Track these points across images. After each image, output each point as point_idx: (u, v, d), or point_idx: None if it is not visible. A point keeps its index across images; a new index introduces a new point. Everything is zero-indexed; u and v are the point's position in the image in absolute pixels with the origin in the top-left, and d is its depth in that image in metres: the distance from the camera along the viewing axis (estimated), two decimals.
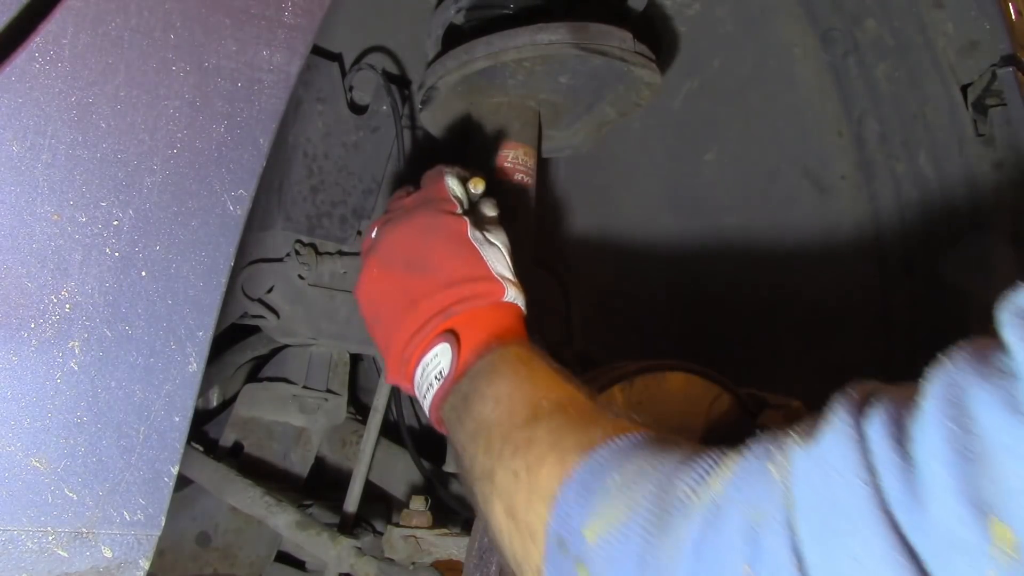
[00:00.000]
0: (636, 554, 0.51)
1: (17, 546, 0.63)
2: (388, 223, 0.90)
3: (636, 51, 1.07)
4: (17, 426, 0.63)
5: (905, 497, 0.39)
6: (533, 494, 0.61)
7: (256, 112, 0.72)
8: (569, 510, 0.57)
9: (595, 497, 0.55)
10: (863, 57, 1.27)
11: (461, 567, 0.91)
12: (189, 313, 0.69)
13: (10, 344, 0.62)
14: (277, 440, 1.37)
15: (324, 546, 1.11)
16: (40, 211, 0.63)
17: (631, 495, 0.53)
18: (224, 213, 0.71)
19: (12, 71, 0.61)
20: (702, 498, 0.49)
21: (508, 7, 1.15)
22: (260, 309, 1.20)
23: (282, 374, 1.36)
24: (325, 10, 0.75)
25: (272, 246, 1.19)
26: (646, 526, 0.51)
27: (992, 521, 0.35)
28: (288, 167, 1.17)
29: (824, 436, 0.44)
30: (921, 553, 0.38)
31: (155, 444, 0.68)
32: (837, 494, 0.41)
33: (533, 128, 1.20)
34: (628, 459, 0.56)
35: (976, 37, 1.13)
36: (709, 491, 0.49)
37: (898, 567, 0.38)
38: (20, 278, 0.62)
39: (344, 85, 1.22)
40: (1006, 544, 0.35)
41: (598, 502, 0.55)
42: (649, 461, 0.55)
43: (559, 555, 0.56)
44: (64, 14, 0.63)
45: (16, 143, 0.62)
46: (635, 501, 0.53)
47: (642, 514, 0.52)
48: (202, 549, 1.32)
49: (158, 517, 0.68)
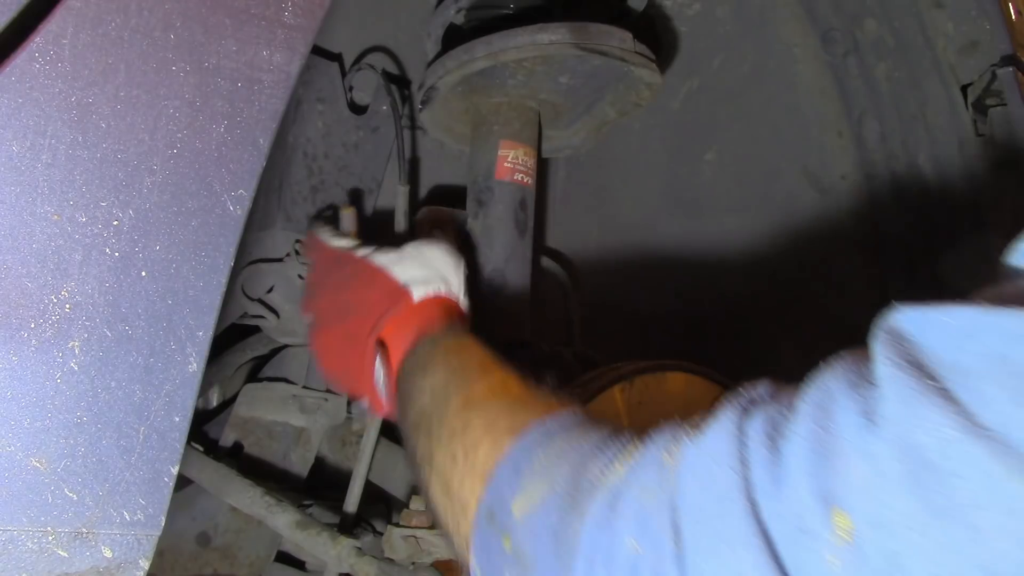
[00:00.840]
0: (552, 528, 0.56)
1: (17, 546, 0.63)
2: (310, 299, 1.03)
3: (636, 51, 1.07)
4: (17, 426, 0.63)
5: (768, 487, 0.43)
6: (468, 473, 0.66)
7: (256, 112, 0.72)
8: (501, 487, 0.62)
9: (523, 476, 0.61)
10: (863, 57, 1.27)
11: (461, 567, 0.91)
12: (189, 313, 0.69)
13: (10, 344, 0.62)
14: (277, 440, 1.37)
15: (324, 546, 1.11)
16: (40, 211, 0.63)
17: (551, 475, 0.59)
18: (224, 213, 0.71)
19: (12, 71, 0.61)
20: (606, 480, 0.54)
21: (508, 7, 1.15)
22: (260, 309, 1.20)
23: (282, 374, 1.36)
24: (325, 10, 0.75)
25: (272, 246, 1.19)
26: (561, 503, 0.57)
27: (834, 510, 0.39)
28: (288, 167, 1.17)
29: (710, 430, 0.49)
30: (775, 537, 0.42)
31: (155, 444, 0.68)
32: (713, 482, 0.46)
33: (533, 128, 1.20)
34: (552, 440, 0.62)
35: (976, 37, 1.14)
36: (613, 474, 0.55)
37: (754, 548, 0.43)
38: (20, 278, 0.62)
39: (344, 85, 1.22)
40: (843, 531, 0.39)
41: (525, 480, 0.60)
42: (570, 443, 0.61)
43: (487, 526, 0.62)
44: (64, 14, 0.63)
45: (16, 143, 0.62)
46: (554, 480, 0.58)
47: (558, 492, 0.57)
48: (202, 549, 1.32)
49: (158, 517, 0.68)
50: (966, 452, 0.36)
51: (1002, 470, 0.35)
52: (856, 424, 0.40)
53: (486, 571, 0.63)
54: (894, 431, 0.39)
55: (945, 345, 0.39)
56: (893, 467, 0.38)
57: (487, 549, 0.63)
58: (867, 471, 0.39)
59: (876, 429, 0.39)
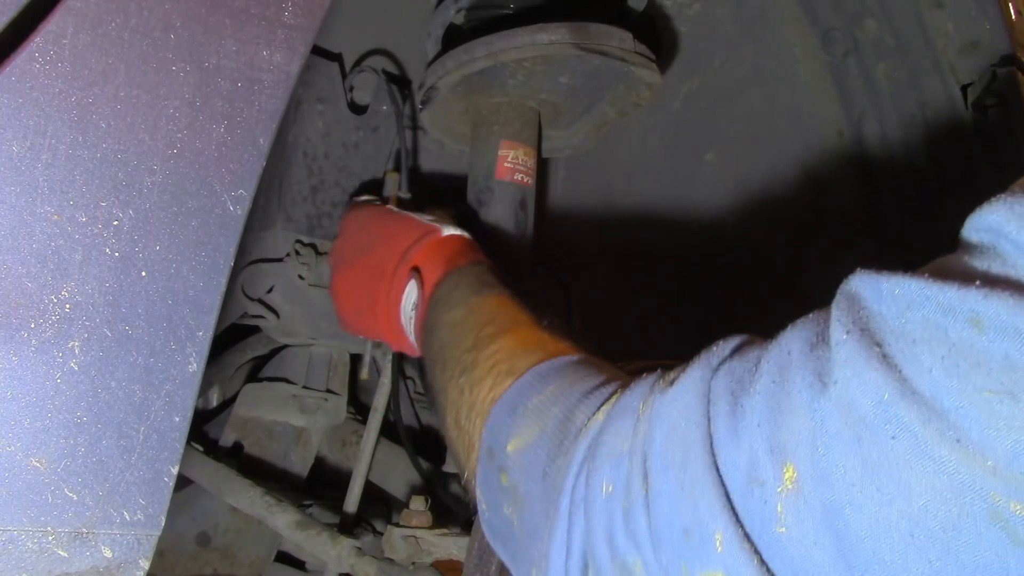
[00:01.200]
0: (542, 467, 0.60)
1: (17, 546, 0.63)
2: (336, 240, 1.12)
3: (636, 51, 1.07)
4: (17, 426, 0.63)
5: (726, 440, 0.47)
6: (472, 409, 0.71)
7: (256, 112, 0.72)
8: (498, 426, 0.66)
9: (517, 416, 0.65)
10: (863, 57, 1.27)
11: (461, 567, 0.91)
12: (189, 313, 0.69)
13: (10, 344, 0.62)
14: (277, 440, 1.37)
15: (324, 546, 1.11)
16: (40, 211, 0.63)
17: (543, 417, 0.63)
18: (224, 213, 0.71)
19: (12, 71, 0.61)
20: (590, 426, 0.58)
21: (508, 7, 1.15)
22: (260, 309, 1.20)
23: (282, 374, 1.36)
24: (325, 10, 0.75)
25: (272, 246, 1.19)
26: (550, 445, 0.60)
27: (785, 463, 0.43)
28: (288, 167, 1.17)
29: (680, 384, 0.53)
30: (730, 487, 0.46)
31: (155, 444, 0.68)
32: (678, 432, 0.50)
33: (533, 128, 1.19)
34: (548, 383, 0.66)
35: (976, 37, 1.14)
36: (596, 421, 0.58)
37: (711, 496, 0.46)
38: (20, 278, 0.62)
39: (344, 85, 1.21)
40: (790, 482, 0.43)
41: (519, 421, 0.64)
42: (563, 387, 0.64)
43: (488, 462, 0.66)
44: (64, 14, 0.63)
45: (16, 143, 0.62)
46: (545, 423, 0.62)
47: (548, 434, 0.61)
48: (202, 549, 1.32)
49: (158, 517, 0.68)
50: (899, 415, 0.39)
51: (931, 433, 0.38)
52: (808, 384, 0.44)
53: (490, 504, 0.67)
54: (839, 392, 0.42)
55: (892, 312, 0.42)
56: (836, 426, 0.41)
57: (489, 483, 0.67)
58: (813, 428, 0.42)
59: (824, 390, 0.42)
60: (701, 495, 0.47)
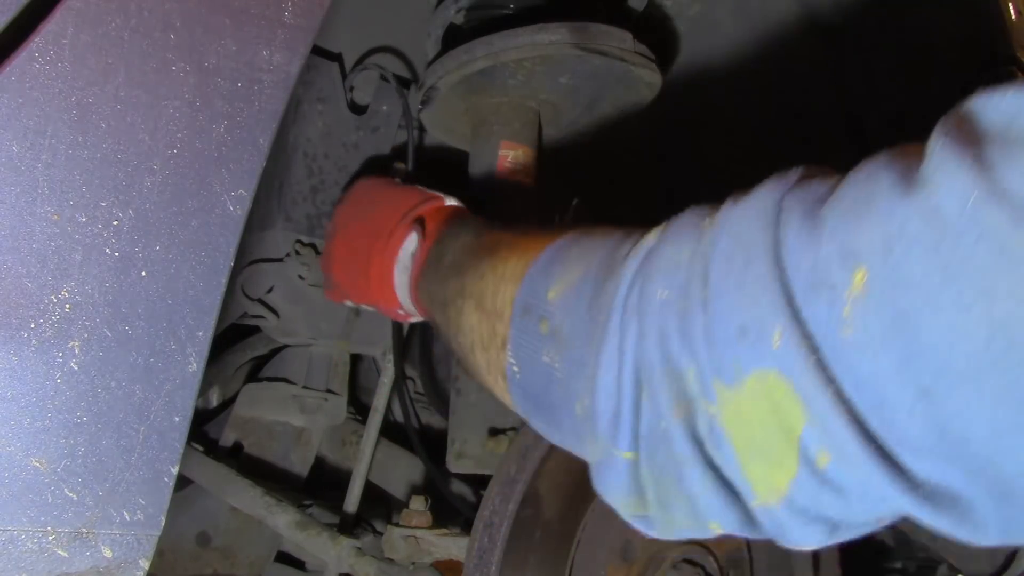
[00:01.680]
0: (588, 299, 0.59)
1: (17, 546, 0.63)
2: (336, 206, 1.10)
3: (636, 51, 1.07)
4: (17, 426, 0.63)
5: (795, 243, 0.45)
6: (500, 282, 0.69)
7: (256, 112, 0.72)
8: (535, 282, 0.65)
9: (556, 267, 0.64)
10: (863, 57, 1.27)
11: (461, 567, 0.91)
12: (189, 313, 0.69)
13: (10, 344, 0.62)
14: (277, 440, 1.37)
15: (324, 546, 1.11)
16: (40, 211, 0.63)
17: (586, 260, 0.62)
18: (224, 213, 0.71)
19: (12, 71, 0.61)
20: (643, 244, 0.57)
21: (508, 7, 1.15)
22: (260, 309, 1.20)
23: (282, 374, 1.36)
24: (325, 10, 0.75)
25: (272, 246, 1.19)
26: (596, 277, 0.59)
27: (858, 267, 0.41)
28: (288, 167, 1.17)
29: (753, 195, 0.51)
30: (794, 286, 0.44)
31: (155, 444, 0.68)
32: (744, 238, 0.48)
33: (533, 128, 1.19)
34: (585, 239, 0.65)
35: (976, 37, 1.13)
36: (645, 243, 0.57)
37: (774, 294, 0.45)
38: (20, 278, 0.62)
39: (344, 85, 1.21)
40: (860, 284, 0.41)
41: (559, 268, 0.64)
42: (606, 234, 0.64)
43: (522, 320, 0.65)
44: (64, 14, 0.63)
45: (16, 143, 0.62)
46: (588, 263, 0.61)
47: (593, 271, 0.60)
48: (202, 549, 1.32)
49: (158, 517, 0.68)
50: (987, 216, 0.37)
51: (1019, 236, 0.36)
52: (892, 185, 0.41)
53: (523, 362, 0.65)
54: (925, 194, 0.39)
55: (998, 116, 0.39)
56: (917, 228, 0.39)
57: (523, 340, 0.65)
58: (891, 231, 0.40)
59: (908, 191, 0.40)
60: (763, 292, 0.45)
